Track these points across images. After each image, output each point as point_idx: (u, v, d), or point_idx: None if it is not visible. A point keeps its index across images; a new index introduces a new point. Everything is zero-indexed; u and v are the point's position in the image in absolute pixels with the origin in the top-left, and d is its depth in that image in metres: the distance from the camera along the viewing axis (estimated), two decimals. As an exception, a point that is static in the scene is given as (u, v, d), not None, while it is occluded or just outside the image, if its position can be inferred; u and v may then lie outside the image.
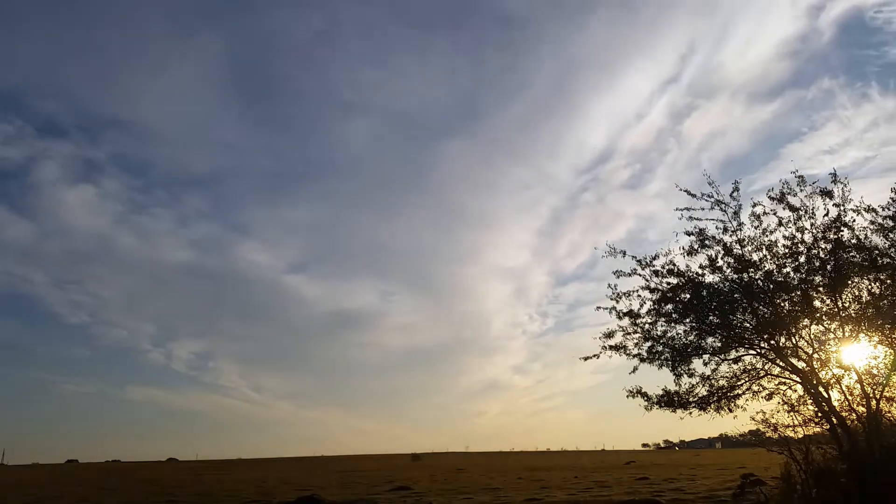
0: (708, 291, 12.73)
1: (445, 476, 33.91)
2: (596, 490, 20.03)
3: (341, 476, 37.18)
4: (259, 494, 23.01)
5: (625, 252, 13.07)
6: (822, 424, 12.04)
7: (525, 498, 17.96)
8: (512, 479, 28.60)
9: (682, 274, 12.83)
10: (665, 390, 12.86)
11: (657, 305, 12.95)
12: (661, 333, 13.08)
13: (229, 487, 28.51)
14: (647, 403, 12.90)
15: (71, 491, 29.02)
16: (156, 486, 31.14)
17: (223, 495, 23.36)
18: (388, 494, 21.31)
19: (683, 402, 12.75)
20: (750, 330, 12.67)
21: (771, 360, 12.62)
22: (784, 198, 11.99)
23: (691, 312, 12.82)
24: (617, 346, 13.20)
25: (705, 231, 12.59)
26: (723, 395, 12.71)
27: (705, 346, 12.86)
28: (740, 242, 12.36)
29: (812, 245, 11.88)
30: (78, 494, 26.18)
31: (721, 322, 12.81)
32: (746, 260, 12.32)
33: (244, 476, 41.23)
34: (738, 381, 12.84)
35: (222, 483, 32.91)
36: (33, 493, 27.57)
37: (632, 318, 13.16)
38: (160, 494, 24.72)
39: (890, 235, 11.54)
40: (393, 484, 26.63)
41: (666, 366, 12.98)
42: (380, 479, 31.64)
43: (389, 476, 35.05)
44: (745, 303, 12.54)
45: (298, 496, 19.18)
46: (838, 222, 11.67)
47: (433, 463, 60.92)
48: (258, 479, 35.53)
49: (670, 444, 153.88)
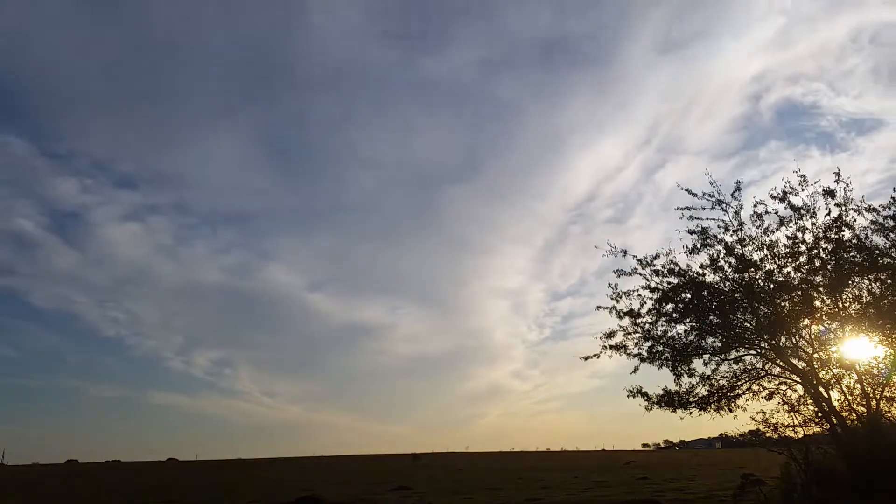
0: (709, 291, 12.71)
1: (446, 476, 33.89)
2: (596, 490, 20.01)
3: (341, 476, 37.17)
4: (259, 494, 23.00)
5: (625, 252, 13.08)
6: (822, 424, 12.03)
7: (525, 498, 17.95)
8: (512, 480, 28.58)
9: (682, 273, 12.82)
10: (665, 390, 12.85)
11: (658, 305, 12.94)
12: (662, 333, 13.08)
13: (230, 487, 28.51)
14: (648, 403, 12.89)
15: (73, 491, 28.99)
16: (156, 486, 31.14)
17: (224, 495, 23.35)
18: (388, 494, 21.30)
19: (684, 401, 12.73)
20: (750, 330, 12.65)
21: (771, 360, 12.60)
22: (786, 197, 11.98)
23: (692, 312, 12.80)
24: (617, 346, 13.19)
25: (707, 230, 12.59)
26: (723, 395, 12.69)
27: (706, 346, 12.85)
28: (741, 242, 12.35)
29: (813, 245, 11.87)
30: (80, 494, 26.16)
31: (721, 322, 12.79)
32: (747, 260, 12.31)
33: (245, 476, 41.22)
34: (739, 381, 12.82)
35: (223, 483, 32.90)
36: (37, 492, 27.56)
37: (632, 317, 13.15)
38: (160, 494, 24.71)
39: (890, 235, 11.53)
40: (393, 484, 26.62)
41: (666, 365, 12.97)
42: (380, 479, 31.64)
43: (389, 476, 35.04)
44: (745, 303, 12.52)
45: (298, 496, 19.17)
46: (839, 222, 11.66)
47: (433, 463, 60.89)
48: (258, 480, 35.53)
49: (670, 445, 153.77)
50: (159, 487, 30.03)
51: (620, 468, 37.21)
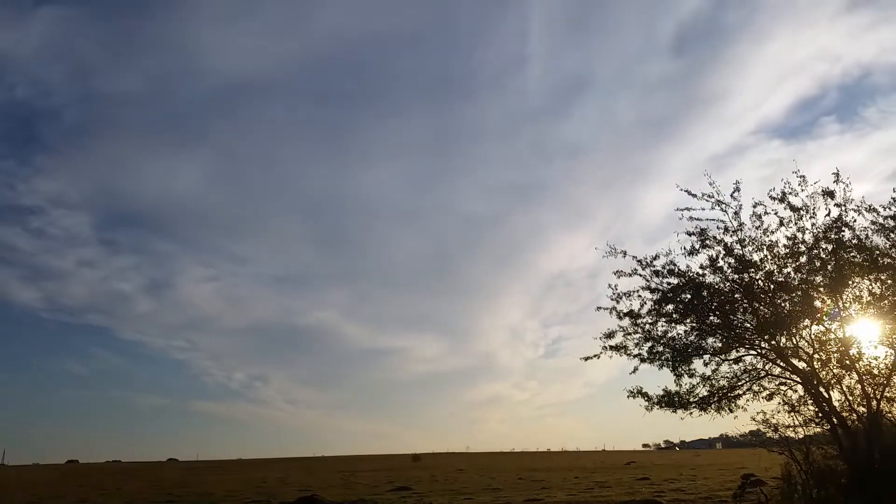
0: (709, 292, 12.71)
1: (446, 476, 33.90)
2: (596, 490, 20.01)
3: (341, 476, 37.18)
4: (259, 494, 23.00)
5: (625, 252, 13.08)
6: (822, 425, 12.03)
7: (525, 498, 17.94)
8: (512, 480, 28.58)
9: (682, 274, 12.82)
10: (666, 390, 12.86)
11: (658, 305, 12.93)
12: (662, 334, 13.08)
13: (230, 487, 28.51)
14: (648, 404, 12.89)
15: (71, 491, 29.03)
16: (156, 486, 31.15)
17: (224, 495, 23.35)
18: (388, 494, 21.29)
19: (684, 402, 12.74)
20: (751, 330, 12.66)
21: (771, 361, 12.60)
22: (785, 198, 11.98)
23: (692, 313, 12.81)
24: (617, 347, 13.19)
25: (706, 231, 12.59)
26: (723, 396, 12.70)
27: (706, 347, 12.85)
28: (741, 242, 12.35)
29: (813, 245, 11.87)
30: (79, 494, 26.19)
31: (722, 322, 12.80)
32: (747, 260, 12.31)
33: (245, 476, 41.24)
34: (739, 382, 12.82)
35: (223, 483, 32.91)
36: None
37: (632, 318, 13.15)
38: (160, 494, 24.72)
39: (891, 235, 11.53)
40: (393, 484, 26.62)
41: (666, 366, 12.97)
42: (380, 480, 31.64)
43: (390, 476, 35.05)
44: (745, 303, 12.53)
45: (298, 496, 19.17)
46: (839, 222, 11.66)
47: (433, 463, 60.90)
48: (259, 480, 35.54)
49: (671, 445, 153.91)
50: (159, 487, 30.03)
51: (621, 468, 37.21)
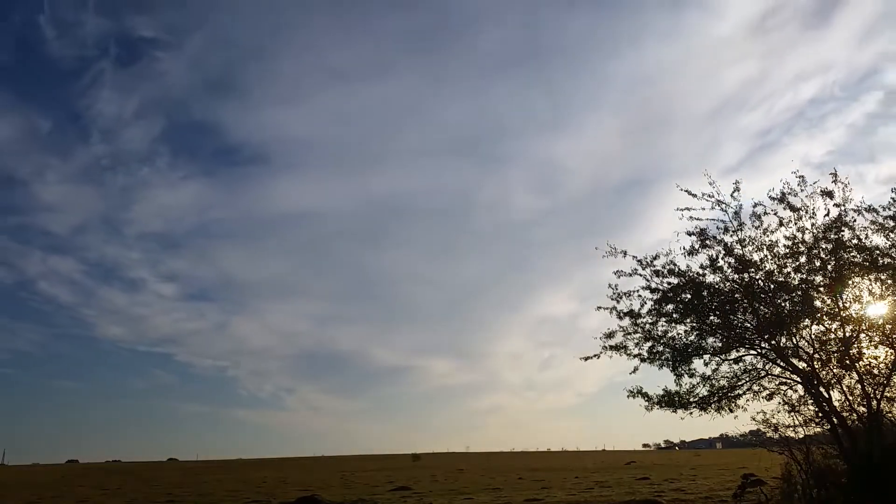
0: (709, 291, 12.71)
1: (446, 476, 33.91)
2: (597, 490, 20.01)
3: (341, 476, 37.19)
4: (259, 494, 23.01)
5: (625, 252, 13.08)
6: (822, 424, 12.02)
7: (526, 498, 17.95)
8: (512, 480, 28.60)
9: (682, 274, 12.82)
10: (666, 390, 12.86)
11: (658, 305, 12.94)
12: (662, 333, 13.07)
13: (230, 487, 28.52)
14: (648, 403, 12.89)
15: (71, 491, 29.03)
16: (156, 486, 31.16)
17: (224, 495, 23.36)
18: (388, 494, 21.30)
19: (684, 402, 12.74)
20: (751, 330, 12.65)
21: (772, 361, 12.60)
22: (785, 198, 11.99)
23: (692, 312, 12.80)
24: (617, 346, 13.19)
25: (706, 231, 12.59)
26: (723, 396, 12.69)
27: (706, 347, 12.84)
28: (741, 242, 12.36)
29: (813, 245, 11.88)
30: (79, 494, 26.19)
31: (722, 322, 12.80)
32: (747, 260, 12.32)
33: (245, 476, 41.27)
34: (739, 382, 12.81)
35: (223, 483, 32.92)
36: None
37: (632, 318, 13.16)
38: (161, 494, 24.72)
39: (890, 235, 11.54)
40: (393, 484, 26.63)
41: (666, 366, 12.97)
42: (380, 479, 31.65)
43: (390, 476, 35.06)
44: (745, 303, 12.53)
45: (298, 496, 19.17)
46: (839, 222, 11.67)
47: (433, 463, 60.93)
48: (259, 479, 35.56)
49: (671, 445, 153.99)
50: (158, 487, 30.04)
51: (621, 468, 37.22)
